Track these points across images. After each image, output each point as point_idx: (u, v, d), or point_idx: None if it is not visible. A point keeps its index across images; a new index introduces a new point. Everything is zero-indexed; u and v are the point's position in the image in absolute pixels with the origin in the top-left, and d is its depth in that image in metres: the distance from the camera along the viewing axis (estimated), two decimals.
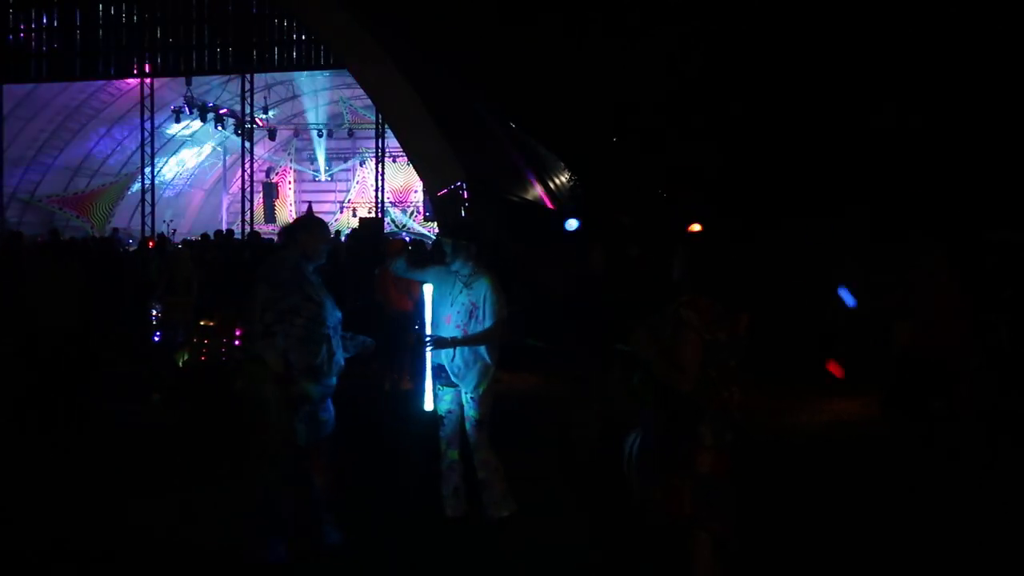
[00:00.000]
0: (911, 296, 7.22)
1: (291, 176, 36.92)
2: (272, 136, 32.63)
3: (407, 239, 17.85)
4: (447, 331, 5.53)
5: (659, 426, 4.19)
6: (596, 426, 7.26)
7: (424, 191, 27.03)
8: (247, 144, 27.24)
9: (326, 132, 33.95)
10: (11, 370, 8.36)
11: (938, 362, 6.96)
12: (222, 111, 29.86)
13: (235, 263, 14.10)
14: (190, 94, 28.19)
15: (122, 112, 30.47)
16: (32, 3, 25.84)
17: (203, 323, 10.67)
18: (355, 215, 32.65)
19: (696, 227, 11.15)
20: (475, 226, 5.88)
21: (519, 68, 16.41)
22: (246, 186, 27.37)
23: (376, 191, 27.38)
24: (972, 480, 6.56)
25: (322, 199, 35.98)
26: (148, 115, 26.83)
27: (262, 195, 34.47)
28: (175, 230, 27.96)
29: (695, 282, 4.21)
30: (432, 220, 28.16)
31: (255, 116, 28.02)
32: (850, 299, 8.88)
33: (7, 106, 27.16)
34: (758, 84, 15.00)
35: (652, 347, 4.12)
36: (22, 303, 8.48)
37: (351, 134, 33.95)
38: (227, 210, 35.59)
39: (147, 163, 27.53)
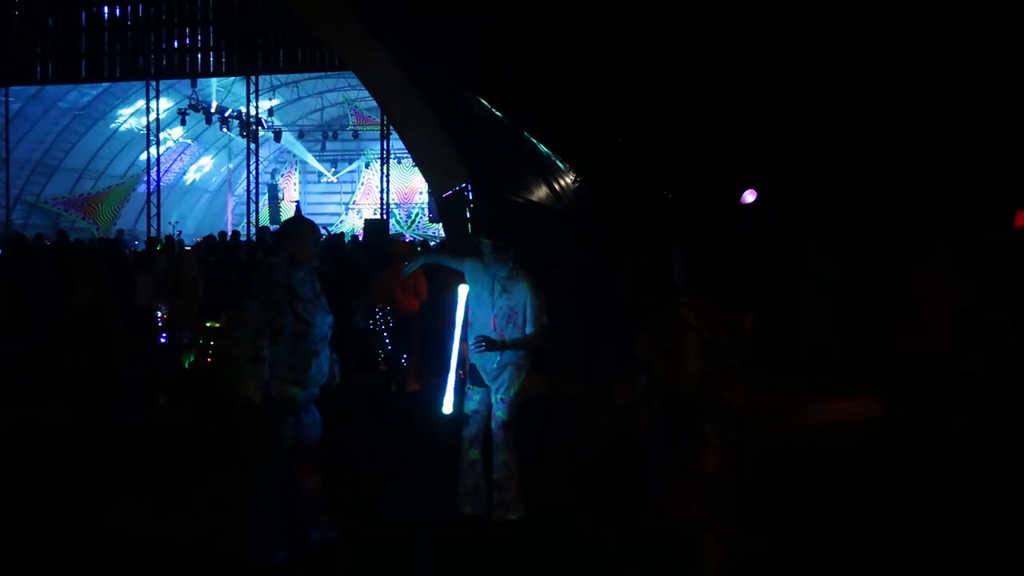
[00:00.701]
0: (910, 296, 7.21)
1: (296, 178, 36.97)
2: (277, 138, 32.69)
3: (413, 240, 17.85)
4: (480, 327, 5.52)
5: (664, 427, 4.20)
6: (602, 421, 7.26)
7: (429, 192, 27.05)
8: (252, 146, 27.28)
9: (331, 134, 33.99)
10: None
11: (938, 362, 6.95)
12: (227, 113, 29.90)
13: (240, 264, 14.10)
14: (195, 96, 28.23)
15: (127, 114, 30.54)
16: (37, 5, 25.89)
17: (209, 324, 10.69)
18: (360, 216, 32.72)
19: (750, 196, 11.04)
20: (510, 229, 5.83)
21: (525, 68, 16.40)
22: (251, 188, 27.40)
23: (381, 192, 27.41)
24: (976, 481, 6.56)
25: (327, 200, 36.03)
26: (153, 117, 26.87)
27: (267, 197, 34.51)
28: (180, 232, 28.01)
29: (695, 282, 4.21)
30: (437, 221, 28.15)
31: (260, 118, 28.05)
32: None
33: (13, 108, 27.24)
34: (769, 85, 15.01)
35: (654, 349, 4.13)
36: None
37: (356, 136, 33.99)
38: (232, 212, 35.66)
39: (152, 165, 27.57)
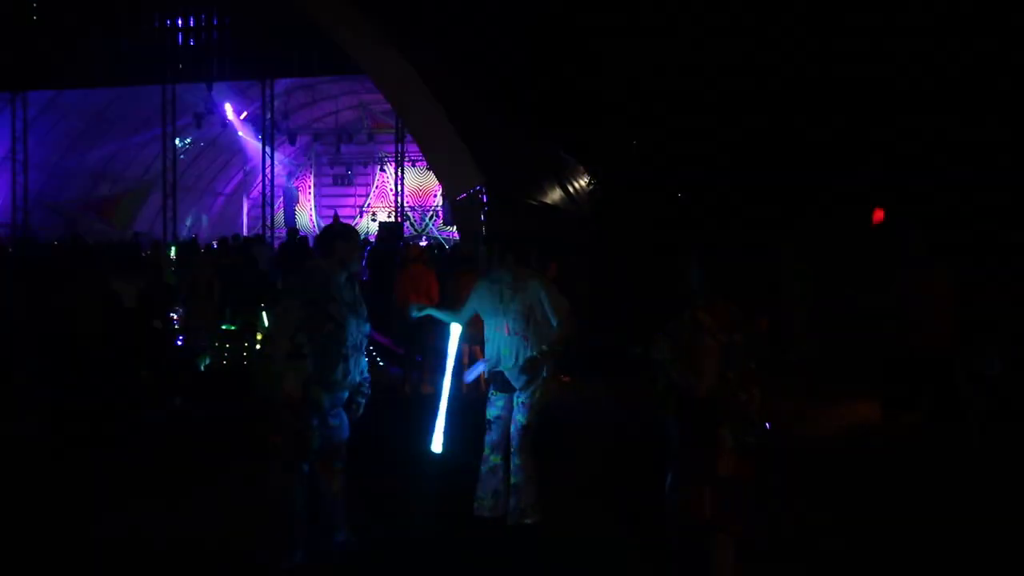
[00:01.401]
0: (903, 295, 7.19)
1: (311, 181, 37.04)
2: (292, 141, 32.78)
3: (424, 244, 17.85)
4: (505, 341, 5.52)
5: (680, 430, 4.19)
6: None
7: (443, 195, 27.07)
8: (268, 149, 27.37)
9: (346, 137, 34.06)
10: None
11: (935, 361, 6.93)
12: (243, 116, 30.01)
13: (255, 267, 14.13)
14: (211, 99, 28.35)
15: (144, 117, 30.70)
16: (52, 10, 26.07)
17: (225, 327, 10.74)
18: (375, 219, 32.76)
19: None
20: (509, 235, 5.88)
21: (539, 69, 16.39)
22: (267, 191, 27.48)
23: (396, 196, 27.43)
24: (988, 482, 6.53)
25: (342, 203, 36.08)
26: (170, 120, 26.99)
27: (282, 200, 34.61)
28: (196, 234, 28.13)
29: (711, 285, 4.22)
30: (451, 224, 28.18)
31: (275, 121, 28.14)
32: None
33: (31, 112, 27.44)
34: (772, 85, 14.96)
35: (670, 352, 4.13)
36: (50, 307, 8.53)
37: (371, 139, 34.05)
38: (248, 215, 35.76)
39: (168, 168, 27.69)
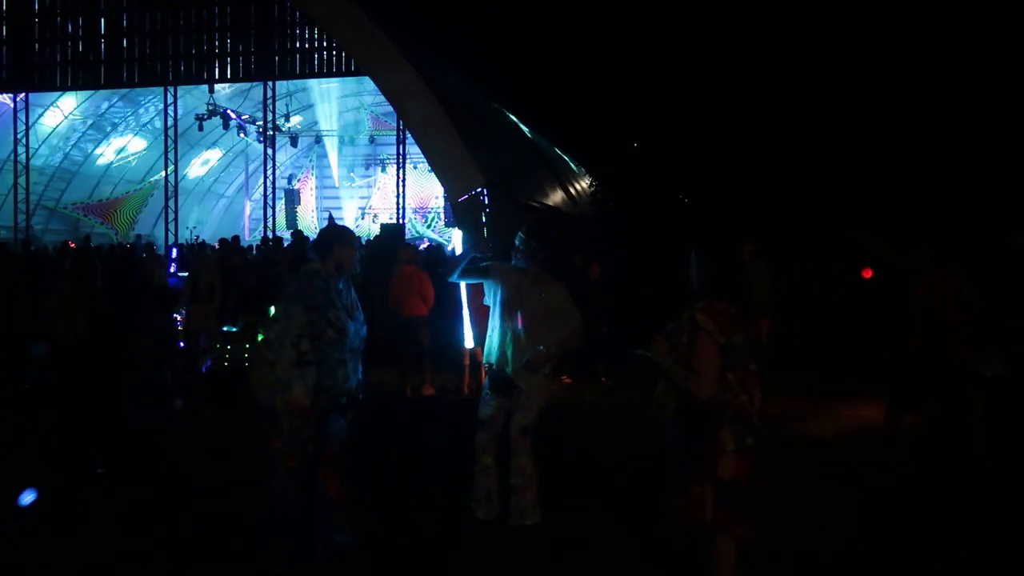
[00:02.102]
0: (911, 300, 7.22)
1: (312, 183, 37.08)
2: (294, 143, 32.82)
3: (421, 245, 17.83)
4: (512, 335, 5.52)
5: (680, 432, 4.19)
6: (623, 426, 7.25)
7: (445, 197, 27.09)
8: (269, 151, 27.41)
9: (347, 138, 34.10)
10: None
11: (940, 364, 6.94)
12: (244, 118, 30.05)
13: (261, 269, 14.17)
14: (212, 101, 28.40)
15: (146, 120, 30.75)
16: (56, 12, 26.14)
17: (226, 329, 10.75)
18: (376, 221, 32.80)
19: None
20: (549, 235, 5.85)
21: (542, 73, 16.43)
22: (268, 193, 27.52)
23: (397, 197, 27.47)
24: (989, 484, 6.53)
25: (343, 205, 36.11)
26: (171, 123, 27.04)
27: (284, 202, 34.65)
28: (198, 236, 28.17)
29: (710, 287, 4.22)
30: (453, 226, 28.19)
31: (277, 123, 28.17)
32: None
33: (33, 114, 27.50)
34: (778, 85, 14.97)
35: (670, 353, 4.13)
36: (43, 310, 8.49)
37: (372, 140, 34.08)
38: (249, 216, 35.80)
39: (170, 171, 27.72)
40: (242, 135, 30.89)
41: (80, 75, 26.23)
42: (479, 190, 15.16)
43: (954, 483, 6.62)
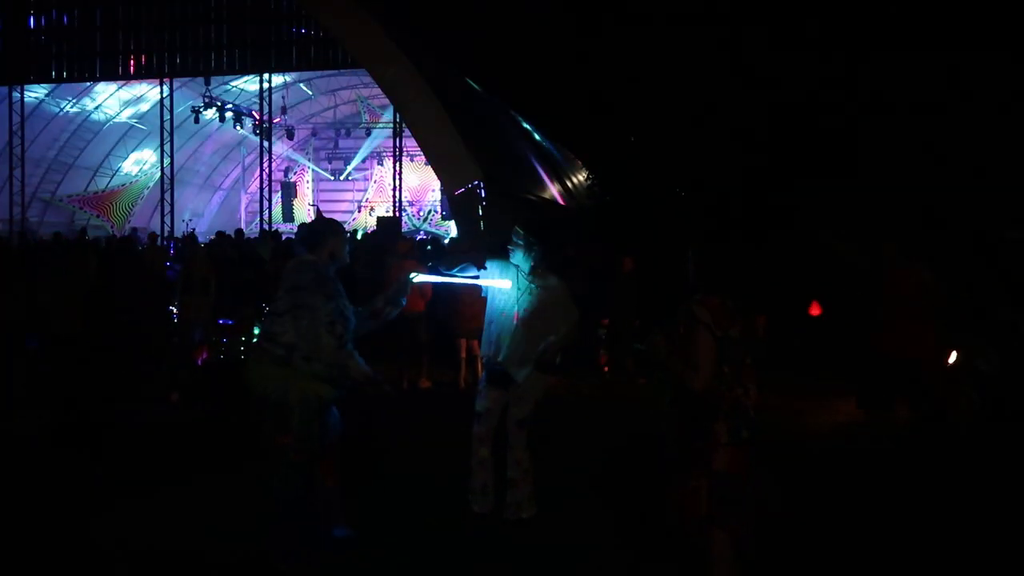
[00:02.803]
0: (877, 298, 7.21)
1: (309, 175, 37.04)
2: (290, 135, 32.77)
3: (418, 238, 17.77)
4: (510, 329, 5.51)
5: (675, 425, 4.19)
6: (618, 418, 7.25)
7: (442, 190, 27.06)
8: (265, 144, 27.36)
9: (344, 131, 34.05)
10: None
11: (908, 363, 6.94)
12: (241, 111, 30.00)
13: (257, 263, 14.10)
14: (209, 94, 28.34)
15: (142, 112, 30.68)
16: (52, 4, 26.06)
17: (222, 322, 10.72)
18: (372, 214, 32.80)
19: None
20: (545, 228, 5.82)
21: (536, 65, 16.38)
22: (264, 185, 27.48)
23: (394, 190, 27.44)
24: (986, 483, 6.54)
25: (340, 198, 36.09)
26: (167, 115, 26.98)
27: (280, 194, 34.61)
28: (194, 229, 28.14)
29: (707, 281, 4.21)
30: (449, 219, 28.18)
31: (273, 115, 28.12)
32: None
33: (28, 106, 27.42)
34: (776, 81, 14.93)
35: (667, 347, 4.13)
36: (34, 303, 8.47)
37: (369, 133, 34.04)
38: (246, 209, 35.75)
39: (166, 163, 27.68)
40: (238, 128, 30.84)
41: (76, 67, 26.16)
42: (476, 183, 15.14)
43: (949, 479, 6.62)
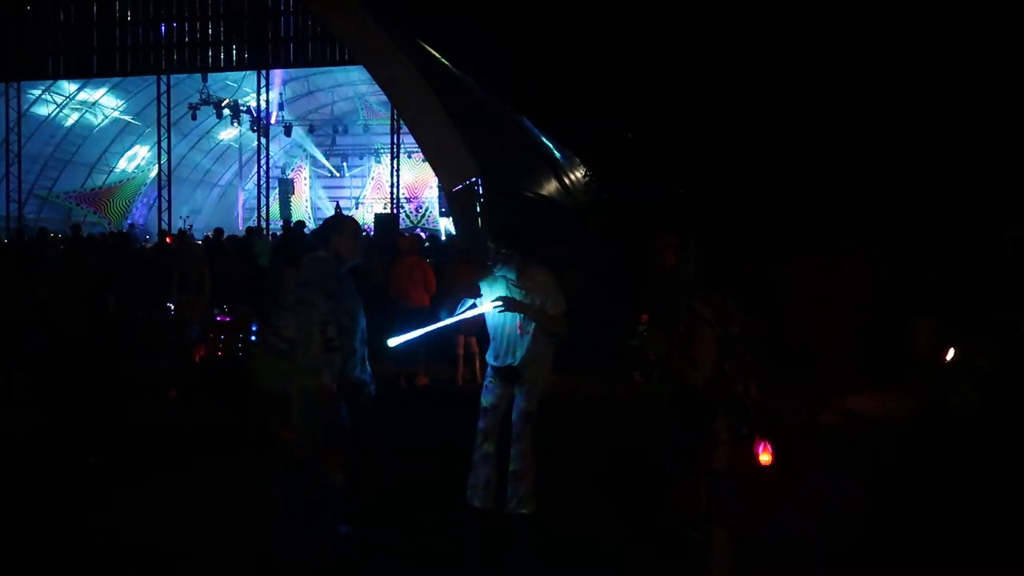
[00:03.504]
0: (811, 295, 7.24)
1: (306, 172, 37.00)
2: (288, 132, 32.74)
3: (421, 234, 17.77)
4: (516, 339, 5.50)
5: (675, 422, 4.18)
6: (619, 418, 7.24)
7: (439, 187, 27.05)
8: (263, 140, 27.31)
9: (341, 128, 34.01)
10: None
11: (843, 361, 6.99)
12: (238, 107, 29.95)
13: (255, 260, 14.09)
14: (206, 90, 28.29)
15: (139, 108, 30.63)
16: (49, 1, 26.01)
17: (219, 319, 10.70)
18: (370, 211, 32.79)
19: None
20: (518, 232, 5.78)
21: (535, 62, 16.36)
22: (262, 182, 27.44)
23: (391, 187, 27.41)
24: (986, 481, 6.53)
25: (337, 195, 36.05)
26: (164, 112, 26.94)
27: (278, 191, 34.58)
28: (191, 226, 28.09)
29: (707, 277, 4.20)
30: (447, 215, 28.16)
31: (270, 112, 28.09)
32: None
33: (25, 102, 27.37)
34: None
35: (667, 343, 4.12)
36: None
37: (366, 130, 34.01)
38: (243, 206, 35.71)
39: (163, 159, 27.64)
40: (235, 124, 30.79)
41: (73, 63, 26.11)
42: (474, 180, 15.13)
43: (948, 478, 6.61)
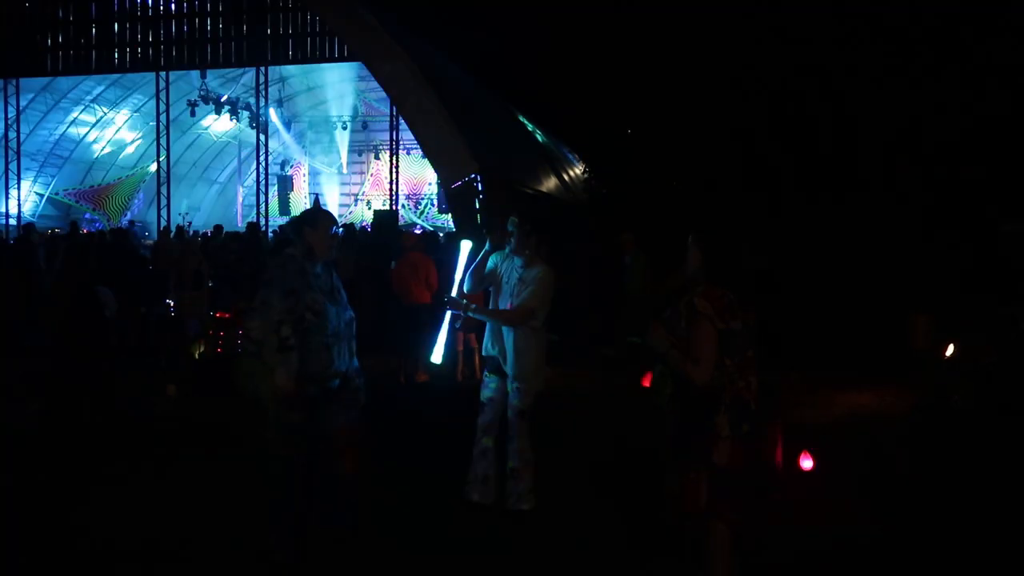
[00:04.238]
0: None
1: (305, 169, 36.93)
2: (287, 129, 32.69)
3: (422, 231, 17.74)
4: (493, 324, 5.55)
5: (676, 418, 4.18)
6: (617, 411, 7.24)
7: (439, 183, 27.01)
8: (262, 137, 27.28)
9: (340, 125, 33.95)
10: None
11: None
12: (237, 104, 29.89)
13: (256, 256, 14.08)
14: (205, 87, 28.23)
15: (137, 105, 30.58)
16: None
17: (218, 315, 10.70)
18: (369, 207, 32.74)
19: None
20: (540, 219, 5.78)
21: (536, 60, 16.38)
22: (261, 179, 27.40)
23: (390, 184, 27.37)
24: (985, 479, 6.54)
25: (336, 192, 35.98)
26: (163, 108, 26.88)
27: (277, 188, 34.50)
28: (190, 223, 28.08)
29: (708, 273, 4.19)
30: (447, 212, 28.14)
31: (270, 109, 28.03)
32: None
33: (24, 99, 27.31)
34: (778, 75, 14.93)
35: (667, 339, 4.11)
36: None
37: (365, 127, 33.94)
38: (242, 203, 35.65)
39: (162, 156, 27.59)
40: (234, 121, 30.72)
41: (72, 60, 26.05)
42: (473, 176, 15.14)
43: (947, 477, 6.62)
